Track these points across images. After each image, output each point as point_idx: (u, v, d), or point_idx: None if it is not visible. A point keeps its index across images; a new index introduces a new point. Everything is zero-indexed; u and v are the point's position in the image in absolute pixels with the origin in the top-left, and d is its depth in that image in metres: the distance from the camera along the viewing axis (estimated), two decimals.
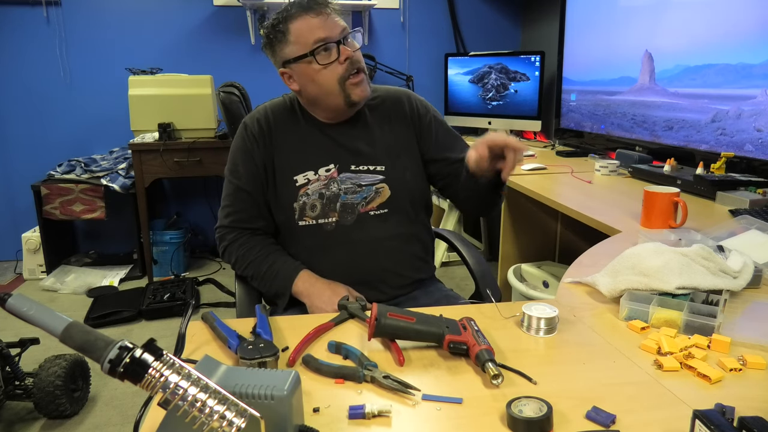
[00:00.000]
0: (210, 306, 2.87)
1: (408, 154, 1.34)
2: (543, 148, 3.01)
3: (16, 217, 3.49)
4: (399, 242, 1.31)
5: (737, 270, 1.05)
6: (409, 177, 1.33)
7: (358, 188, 1.28)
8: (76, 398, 1.94)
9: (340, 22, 1.22)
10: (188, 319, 0.90)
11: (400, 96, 1.38)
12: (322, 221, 1.27)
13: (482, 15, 3.76)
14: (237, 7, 3.42)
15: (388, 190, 1.29)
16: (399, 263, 1.32)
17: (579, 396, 0.73)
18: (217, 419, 0.55)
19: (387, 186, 1.29)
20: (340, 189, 1.27)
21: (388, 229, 1.29)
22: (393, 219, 1.30)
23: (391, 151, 1.32)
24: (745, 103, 1.90)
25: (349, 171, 1.29)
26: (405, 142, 1.34)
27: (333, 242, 1.28)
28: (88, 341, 0.60)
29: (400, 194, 1.30)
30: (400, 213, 1.31)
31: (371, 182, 1.29)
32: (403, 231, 1.32)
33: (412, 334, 0.85)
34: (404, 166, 1.32)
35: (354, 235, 1.28)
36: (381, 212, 1.29)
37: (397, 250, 1.31)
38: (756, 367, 0.80)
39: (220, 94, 2.19)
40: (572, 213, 1.70)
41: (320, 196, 1.27)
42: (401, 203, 1.31)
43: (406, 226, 1.32)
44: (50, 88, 3.38)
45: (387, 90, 1.39)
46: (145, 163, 3.02)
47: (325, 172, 1.28)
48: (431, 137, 1.36)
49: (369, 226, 1.28)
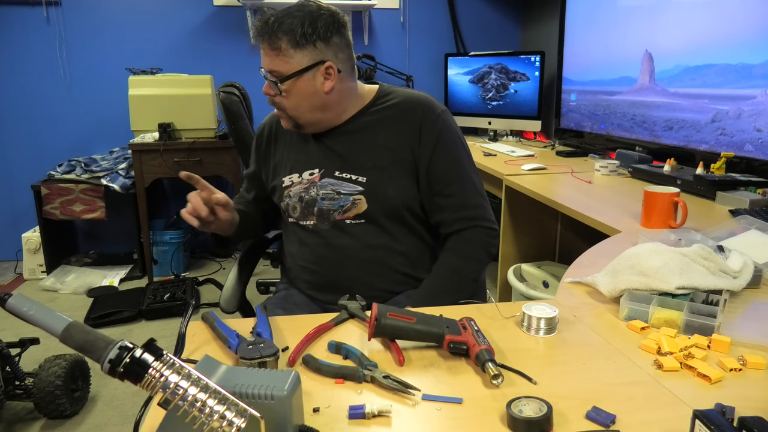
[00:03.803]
0: (210, 306, 2.87)
1: (398, 164, 1.25)
2: (543, 148, 3.01)
3: (16, 217, 3.49)
4: (374, 254, 1.27)
5: (737, 270, 1.05)
6: (392, 192, 1.25)
7: (337, 195, 1.26)
8: (76, 398, 1.94)
9: (269, 62, 1.18)
10: (188, 319, 0.90)
11: (412, 101, 1.28)
12: (302, 223, 1.31)
13: (482, 15, 3.77)
14: (237, 7, 3.42)
15: (365, 203, 1.25)
16: (372, 275, 1.27)
17: (579, 396, 0.73)
18: (217, 419, 0.55)
19: (364, 198, 1.24)
20: (318, 194, 1.27)
21: (364, 239, 1.26)
22: (369, 230, 1.26)
23: (378, 162, 1.25)
24: (745, 103, 1.90)
25: (333, 177, 1.27)
26: (399, 153, 1.26)
27: (314, 242, 1.30)
28: (88, 341, 0.60)
29: (377, 208, 1.25)
30: (377, 226, 1.26)
31: (350, 192, 1.25)
32: (379, 243, 1.27)
33: (412, 334, 0.85)
34: (388, 179, 1.25)
35: (331, 240, 1.28)
36: (357, 222, 1.26)
37: (372, 261, 1.27)
38: (756, 367, 0.80)
39: (220, 94, 2.19)
40: (572, 213, 1.71)
41: (300, 199, 1.30)
42: (377, 217, 1.25)
43: (383, 238, 1.27)
44: (50, 88, 3.38)
45: (405, 95, 1.30)
46: (145, 163, 3.02)
47: (308, 176, 1.29)
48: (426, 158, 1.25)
49: (344, 234, 1.27)
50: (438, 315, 0.88)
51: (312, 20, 1.16)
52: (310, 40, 1.16)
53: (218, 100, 2.21)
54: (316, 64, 1.18)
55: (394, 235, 1.28)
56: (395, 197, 1.25)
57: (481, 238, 1.28)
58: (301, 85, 1.19)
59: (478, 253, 1.28)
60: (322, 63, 1.19)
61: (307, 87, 1.20)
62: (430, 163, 1.26)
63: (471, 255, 1.27)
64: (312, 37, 1.16)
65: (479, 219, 1.28)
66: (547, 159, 2.62)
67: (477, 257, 1.28)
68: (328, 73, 1.20)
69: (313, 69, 1.19)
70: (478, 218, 1.28)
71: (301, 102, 1.22)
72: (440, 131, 1.26)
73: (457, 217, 1.27)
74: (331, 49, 1.19)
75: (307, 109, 1.23)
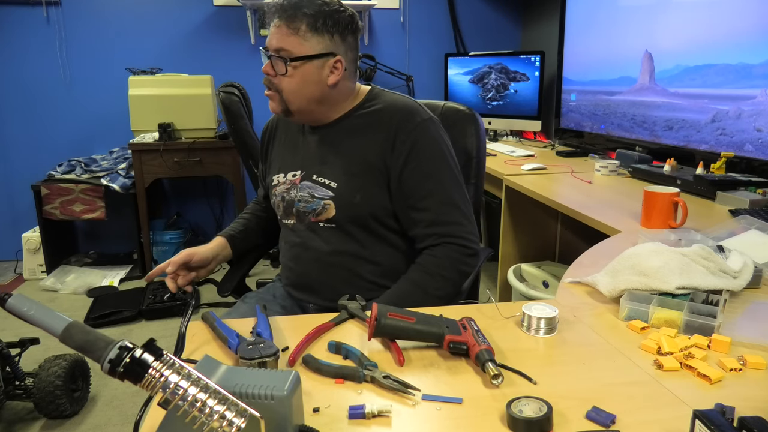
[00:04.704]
0: (210, 306, 2.87)
1: (371, 172, 1.22)
2: (543, 148, 3.01)
3: (16, 217, 3.49)
4: (342, 259, 1.26)
5: (737, 270, 1.05)
6: (360, 200, 1.22)
7: (311, 198, 1.26)
8: (76, 398, 1.94)
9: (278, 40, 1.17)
10: (188, 319, 0.90)
11: (394, 108, 1.25)
12: (285, 221, 1.34)
13: (482, 15, 3.77)
14: (237, 7, 3.42)
15: (333, 209, 1.24)
16: (339, 280, 1.26)
17: (579, 396, 0.73)
18: (217, 419, 0.55)
19: (333, 204, 1.24)
20: (296, 196, 1.28)
21: (333, 244, 1.26)
22: (339, 236, 1.26)
23: (350, 167, 1.23)
24: (745, 103, 1.90)
25: (311, 180, 1.26)
26: (372, 161, 1.22)
27: (293, 241, 1.32)
28: (88, 341, 0.60)
29: (344, 215, 1.24)
30: (346, 233, 1.25)
31: (322, 196, 1.25)
32: (347, 249, 1.26)
33: (412, 334, 0.85)
34: (358, 187, 1.22)
35: (306, 241, 1.29)
36: (328, 226, 1.26)
37: (339, 266, 1.26)
38: (756, 367, 0.80)
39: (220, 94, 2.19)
40: (572, 213, 1.71)
41: (282, 198, 1.32)
42: (344, 224, 1.24)
43: (352, 245, 1.25)
44: (50, 88, 3.38)
45: (390, 101, 1.27)
46: (145, 163, 3.02)
47: (291, 177, 1.30)
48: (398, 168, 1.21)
49: (317, 236, 1.28)
50: (438, 315, 0.88)
51: (334, 12, 1.18)
52: (329, 30, 1.18)
53: (218, 100, 2.21)
54: (327, 55, 1.19)
55: (363, 242, 1.26)
56: (362, 205, 1.23)
57: (453, 256, 1.21)
58: (307, 69, 1.19)
59: (447, 271, 1.20)
60: (333, 55, 1.19)
61: (312, 74, 1.20)
62: (402, 173, 1.21)
63: (437, 272, 1.20)
64: (331, 28, 1.18)
65: (451, 236, 1.21)
66: (547, 159, 2.62)
67: (444, 275, 1.20)
68: (335, 67, 1.20)
69: (323, 58, 1.19)
70: (451, 235, 1.21)
71: (302, 88, 1.20)
72: (415, 141, 1.21)
73: (428, 233, 1.22)
74: (344, 45, 1.21)
75: (304, 97, 1.21)
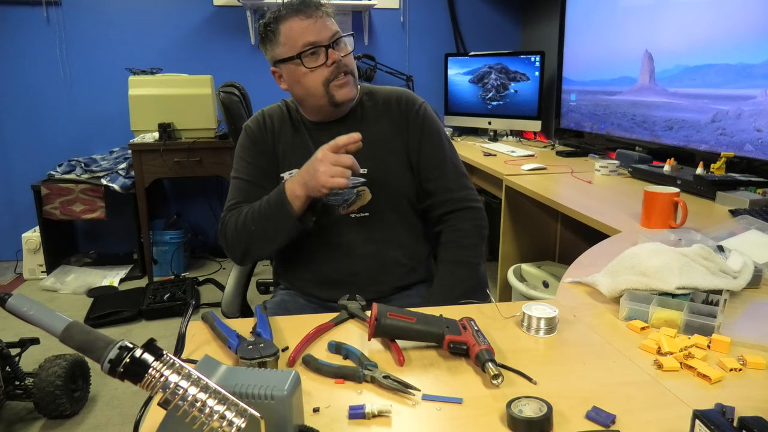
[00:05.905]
0: (210, 306, 2.87)
1: (393, 153, 1.31)
2: (543, 148, 3.01)
3: (16, 217, 3.49)
4: (376, 248, 1.29)
5: (737, 270, 1.05)
6: (391, 180, 1.29)
7: (339, 190, 1.26)
8: (76, 398, 1.94)
9: (330, 26, 1.21)
10: (188, 319, 0.90)
11: (395, 95, 1.35)
12: None
13: (482, 15, 3.77)
14: (237, 7, 3.42)
15: (369, 194, 1.27)
16: (374, 269, 1.29)
17: (579, 396, 0.73)
18: (217, 419, 0.55)
19: (368, 189, 1.27)
20: None
21: (367, 233, 1.28)
22: (373, 223, 1.28)
23: (375, 151, 1.28)
24: (745, 103, 1.90)
25: None
26: (391, 142, 1.31)
27: (314, 240, 1.29)
28: (88, 341, 0.60)
29: (381, 198, 1.28)
30: (381, 217, 1.29)
31: (353, 185, 1.26)
32: (382, 236, 1.29)
33: (412, 334, 0.85)
34: (386, 169, 1.29)
35: (332, 238, 1.28)
36: (362, 215, 1.28)
37: (373, 255, 1.29)
38: (756, 367, 0.80)
39: (220, 94, 2.19)
40: (572, 213, 1.70)
41: None
42: (382, 207, 1.28)
43: (386, 230, 1.30)
44: (50, 88, 3.38)
45: (388, 90, 1.37)
46: (145, 163, 3.02)
47: None
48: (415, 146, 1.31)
49: (347, 229, 1.28)
50: (438, 315, 0.88)
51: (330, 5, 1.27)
52: None
53: (218, 100, 2.21)
54: None
55: (393, 226, 1.31)
56: (394, 184, 1.30)
57: (473, 222, 1.32)
58: None
59: (473, 239, 1.31)
60: None
61: None
62: (420, 150, 1.31)
63: (469, 242, 1.30)
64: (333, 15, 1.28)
65: (467, 200, 1.32)
66: (547, 159, 2.62)
67: (473, 242, 1.31)
68: None
69: None
70: (466, 199, 1.33)
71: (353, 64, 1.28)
72: (423, 120, 1.32)
73: (444, 199, 1.31)
74: None
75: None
